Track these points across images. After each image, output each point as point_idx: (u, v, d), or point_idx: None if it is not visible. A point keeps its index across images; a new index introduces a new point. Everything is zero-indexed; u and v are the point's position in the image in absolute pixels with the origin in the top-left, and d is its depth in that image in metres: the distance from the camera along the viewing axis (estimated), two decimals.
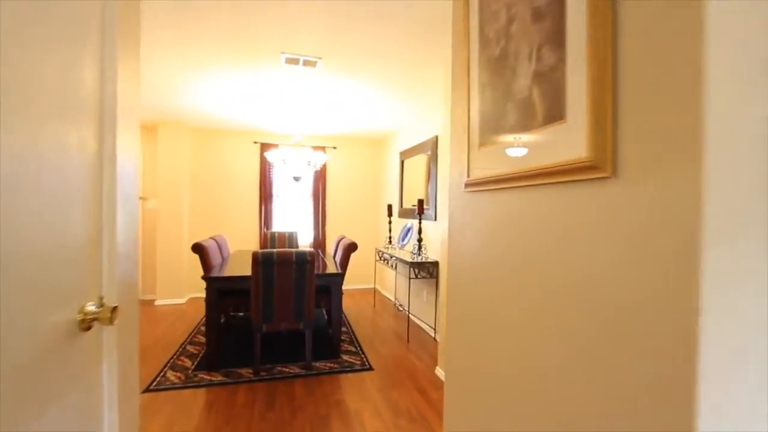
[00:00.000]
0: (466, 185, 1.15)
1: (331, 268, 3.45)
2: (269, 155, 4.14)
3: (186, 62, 2.94)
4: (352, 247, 3.61)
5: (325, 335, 3.72)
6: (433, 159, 3.90)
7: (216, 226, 5.43)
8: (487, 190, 1.03)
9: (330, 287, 3.23)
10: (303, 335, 3.48)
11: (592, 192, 0.62)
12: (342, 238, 4.11)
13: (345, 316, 4.47)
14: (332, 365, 3.07)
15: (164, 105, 4.21)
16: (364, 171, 6.09)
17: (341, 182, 5.98)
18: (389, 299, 5.37)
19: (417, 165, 4.47)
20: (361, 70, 3.07)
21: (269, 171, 5.57)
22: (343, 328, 3.98)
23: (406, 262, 3.75)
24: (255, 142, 5.53)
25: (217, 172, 5.43)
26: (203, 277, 2.95)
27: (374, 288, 4.81)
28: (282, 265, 2.77)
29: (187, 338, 3.65)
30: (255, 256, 2.73)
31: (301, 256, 2.80)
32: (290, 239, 4.96)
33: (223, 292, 3.05)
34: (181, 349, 3.36)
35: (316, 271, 3.24)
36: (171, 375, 2.84)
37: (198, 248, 3.32)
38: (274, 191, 5.65)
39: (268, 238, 4.88)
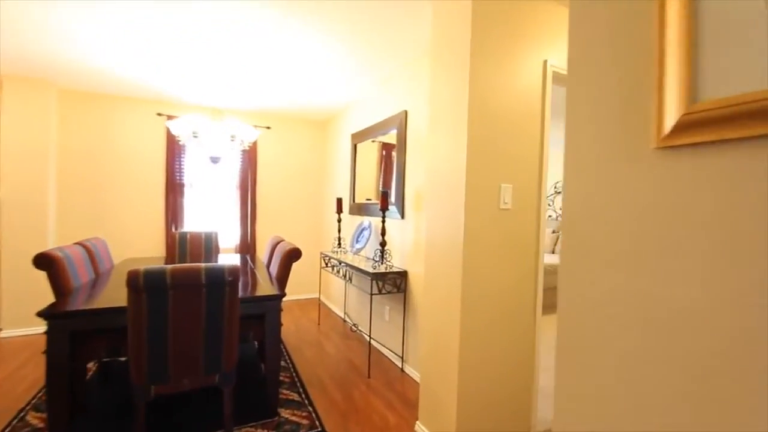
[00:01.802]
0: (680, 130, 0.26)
1: (265, 288, 2.43)
2: (173, 126, 2.95)
3: None
4: (293, 255, 2.62)
5: (254, 380, 2.69)
6: (401, 141, 3.05)
7: (100, 225, 4.02)
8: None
9: (264, 315, 2.23)
10: (220, 393, 2.42)
11: None
12: (279, 242, 3.09)
13: (284, 344, 3.44)
14: None
15: (12, 50, 2.80)
16: (307, 157, 5.05)
17: (277, 170, 4.88)
18: (337, 314, 4.43)
19: (376, 149, 3.59)
20: (314, 11, 2.10)
21: (180, 152, 4.28)
22: (282, 361, 2.98)
23: (365, 273, 2.86)
24: (159, 114, 4.20)
25: (103, 152, 4.02)
26: (40, 313, 1.76)
27: (318, 299, 3.86)
28: (182, 290, 1.72)
29: (35, 396, 2.38)
30: (132, 277, 1.64)
31: (215, 275, 1.77)
32: (208, 242, 3.78)
33: (85, 333, 1.89)
34: (18, 420, 2.10)
35: (243, 293, 2.21)
36: None
37: (44, 261, 2.09)
38: (187, 179, 4.38)
39: (177, 241, 3.65)
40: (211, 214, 4.56)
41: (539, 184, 2.06)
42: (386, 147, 3.36)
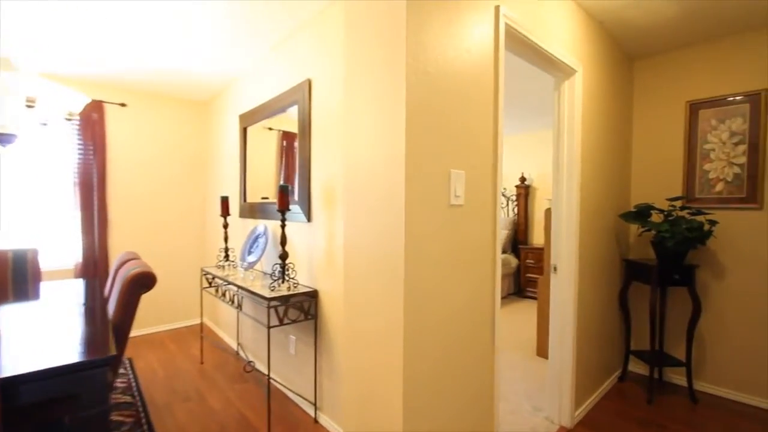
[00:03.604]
0: None
1: (91, 345, 1.50)
2: None
3: None
4: (140, 283, 1.72)
5: None
6: (304, 120, 2.32)
7: None
8: None
9: (79, 395, 1.31)
10: None
11: None
12: (125, 261, 2.11)
13: (144, 403, 2.43)
14: None
15: None
16: (185, 146, 3.95)
17: (140, 162, 3.70)
18: (228, 344, 3.49)
19: (274, 139, 2.79)
20: None
21: None
22: None
23: (260, 297, 2.07)
24: None
25: None
26: None
27: (201, 324, 2.91)
28: None
29: None
30: None
31: None
32: (19, 265, 2.56)
33: None
34: None
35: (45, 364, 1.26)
36: None
37: None
38: None
39: None
40: (31, 222, 3.21)
41: (494, 170, 1.55)
42: (288, 137, 2.59)
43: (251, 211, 3.00)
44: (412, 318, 1.23)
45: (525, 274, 5.32)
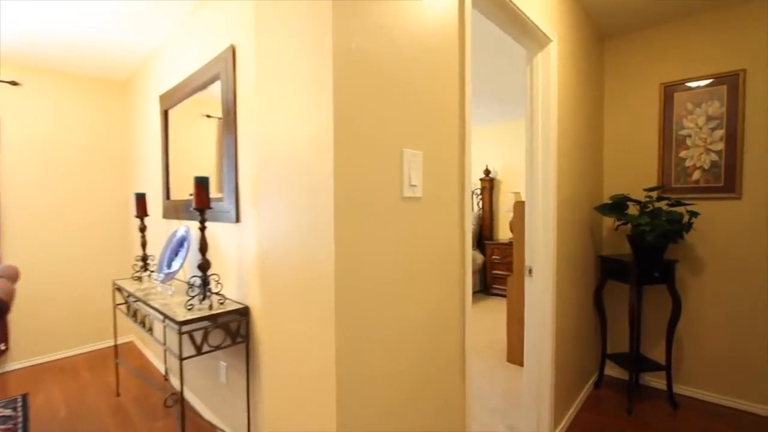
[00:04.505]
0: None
1: None
2: None
3: None
4: None
5: None
6: (228, 97, 1.87)
7: None
8: None
9: None
10: None
11: None
12: None
13: None
14: None
15: None
16: (95, 134, 3.33)
17: (39, 156, 3.06)
18: (157, 368, 2.97)
19: (214, 127, 2.30)
20: None
21: None
22: None
23: (171, 321, 1.61)
24: None
25: None
26: None
27: (116, 347, 2.38)
28: None
29: None
30: None
31: None
32: None
33: None
34: None
35: None
36: None
37: None
38: None
39: None
40: None
41: (462, 152, 1.20)
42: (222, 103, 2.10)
43: (176, 210, 2.50)
44: (348, 359, 0.85)
45: (491, 270, 5.11)
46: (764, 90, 2.17)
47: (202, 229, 1.78)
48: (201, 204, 1.75)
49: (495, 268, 5.08)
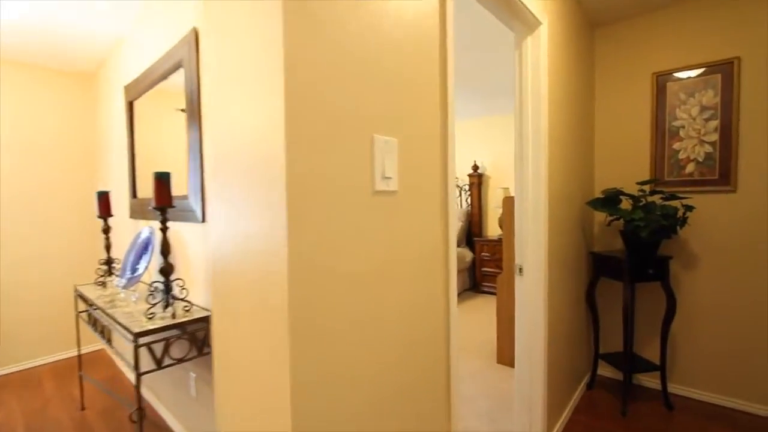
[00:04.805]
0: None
1: None
2: None
3: None
4: None
5: None
6: (191, 86, 1.70)
7: None
8: None
9: None
10: None
11: None
12: None
13: None
14: None
15: None
16: (58, 130, 3.12)
17: None
18: (129, 378, 2.79)
19: (168, 111, 2.12)
20: None
21: None
22: None
23: (127, 332, 1.46)
24: None
25: None
26: None
27: (79, 356, 2.21)
28: None
29: None
30: None
31: None
32: None
33: None
34: None
35: None
36: None
37: None
38: None
39: None
40: None
41: (444, 139, 1.07)
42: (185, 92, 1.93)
43: (143, 209, 2.33)
44: (305, 377, 0.71)
45: (481, 268, 5.02)
46: (760, 78, 2.09)
47: (164, 229, 1.62)
48: (162, 202, 1.59)
49: (484, 266, 4.98)
